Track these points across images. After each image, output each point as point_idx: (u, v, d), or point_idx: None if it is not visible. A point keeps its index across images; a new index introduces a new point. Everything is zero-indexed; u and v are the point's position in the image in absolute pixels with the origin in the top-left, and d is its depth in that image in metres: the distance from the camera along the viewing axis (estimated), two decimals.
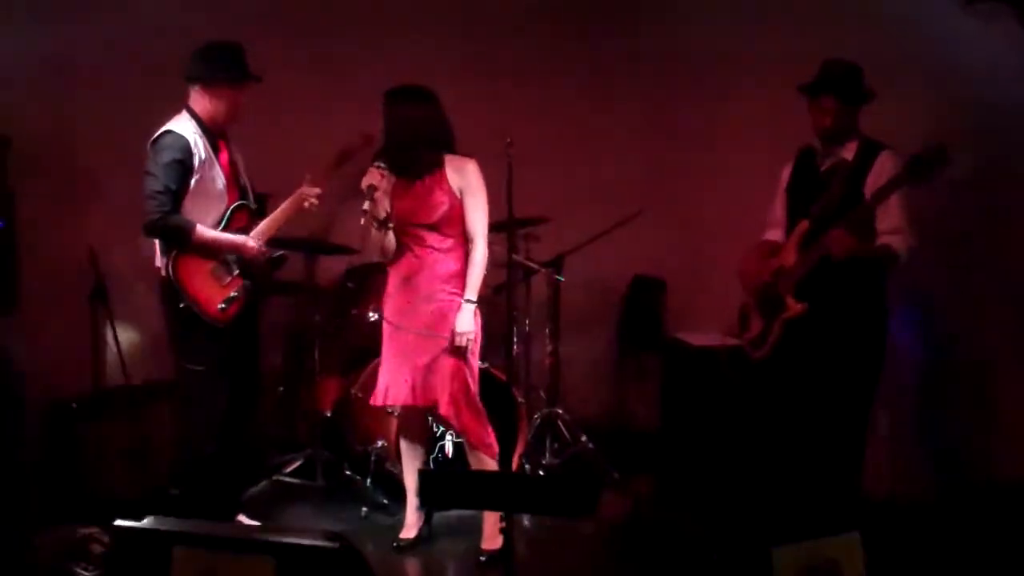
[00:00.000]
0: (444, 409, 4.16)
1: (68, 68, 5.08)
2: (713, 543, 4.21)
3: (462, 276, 4.17)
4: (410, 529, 4.41)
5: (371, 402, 4.34)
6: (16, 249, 4.74)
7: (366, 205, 4.00)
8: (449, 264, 4.16)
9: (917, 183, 3.66)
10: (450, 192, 4.13)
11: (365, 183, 4.02)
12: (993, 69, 4.44)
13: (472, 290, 4.14)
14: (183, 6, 5.15)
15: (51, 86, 5.04)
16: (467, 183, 4.13)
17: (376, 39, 5.61)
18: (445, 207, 4.11)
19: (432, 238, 4.14)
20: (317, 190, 4.25)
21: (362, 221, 4.05)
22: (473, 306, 4.14)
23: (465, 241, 4.18)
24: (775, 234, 4.23)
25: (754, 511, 4.33)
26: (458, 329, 4.10)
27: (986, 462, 4.63)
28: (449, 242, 4.16)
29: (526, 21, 5.83)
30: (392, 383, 4.21)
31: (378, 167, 4.07)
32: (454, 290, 4.15)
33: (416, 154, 4.13)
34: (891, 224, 3.83)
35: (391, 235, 4.15)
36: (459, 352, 4.13)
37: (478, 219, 4.14)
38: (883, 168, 3.84)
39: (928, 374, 4.76)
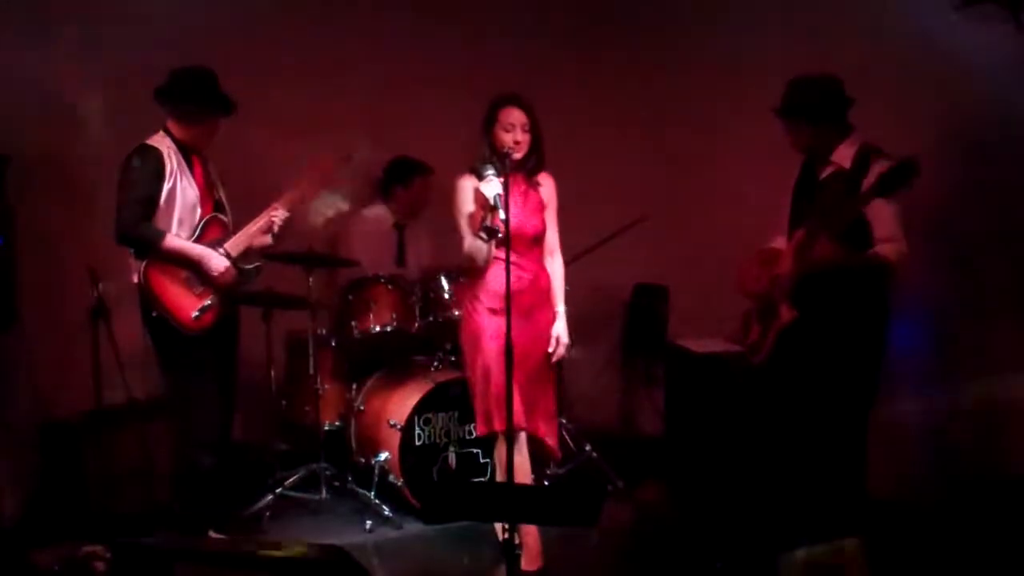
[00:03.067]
0: (543, 428, 4.16)
1: (67, 85, 5.08)
2: (718, 549, 4.20)
3: (551, 288, 4.22)
4: (538, 558, 4.16)
5: (484, 431, 4.15)
6: (16, 266, 4.74)
7: (502, 215, 3.85)
8: (545, 277, 4.21)
9: (888, 196, 3.64)
10: (542, 205, 4.17)
11: (491, 193, 3.87)
12: (989, 70, 4.44)
13: (562, 301, 4.23)
14: (180, 20, 5.15)
15: (50, 103, 5.04)
16: (551, 195, 4.19)
17: (373, 48, 5.60)
18: (543, 219, 4.17)
19: (534, 253, 4.16)
20: (284, 212, 4.31)
21: (486, 235, 3.91)
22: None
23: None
24: (781, 242, 4.21)
25: (760, 516, 4.31)
26: (564, 340, 4.15)
27: (991, 463, 4.61)
28: (542, 255, 4.21)
29: (526, 31, 5.82)
30: (498, 407, 4.00)
31: (495, 175, 3.93)
32: (549, 303, 4.20)
33: (541, 158, 4.14)
34: (885, 232, 3.81)
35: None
36: (551, 366, 4.18)
37: (556, 231, 4.22)
38: None
39: (931, 375, 4.74)
